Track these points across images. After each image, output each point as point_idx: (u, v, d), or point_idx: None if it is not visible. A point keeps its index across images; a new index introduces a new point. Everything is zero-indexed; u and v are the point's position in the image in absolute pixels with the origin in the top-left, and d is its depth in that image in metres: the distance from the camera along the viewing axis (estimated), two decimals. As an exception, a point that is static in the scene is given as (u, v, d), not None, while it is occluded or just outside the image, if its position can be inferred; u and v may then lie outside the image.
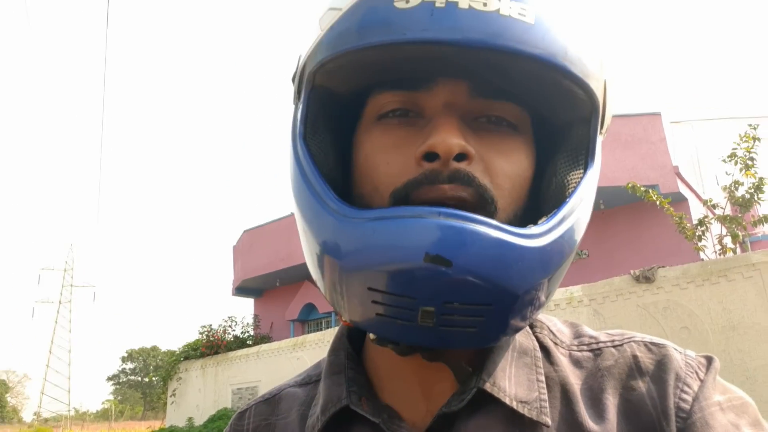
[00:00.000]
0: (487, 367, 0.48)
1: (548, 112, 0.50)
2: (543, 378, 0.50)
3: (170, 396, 12.68)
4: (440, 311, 0.41)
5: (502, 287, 0.41)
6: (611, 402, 0.48)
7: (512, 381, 0.48)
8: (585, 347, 0.53)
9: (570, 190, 0.47)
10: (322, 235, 0.45)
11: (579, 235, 0.47)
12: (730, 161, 6.17)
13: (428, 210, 0.41)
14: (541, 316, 0.57)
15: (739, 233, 5.99)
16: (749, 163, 6.06)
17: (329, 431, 0.51)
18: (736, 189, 6.20)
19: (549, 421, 0.46)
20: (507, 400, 0.47)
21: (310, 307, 14.17)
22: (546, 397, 0.48)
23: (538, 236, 0.43)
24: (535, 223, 0.44)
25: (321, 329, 13.30)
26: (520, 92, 0.47)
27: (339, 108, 0.52)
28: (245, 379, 11.11)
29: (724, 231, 6.06)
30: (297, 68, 0.53)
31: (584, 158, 0.49)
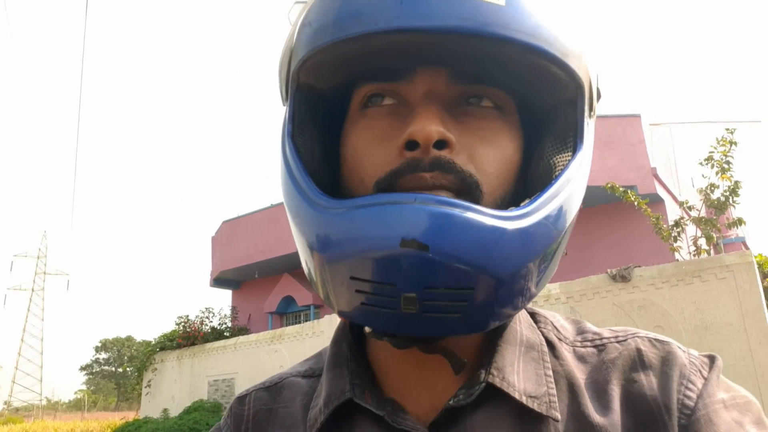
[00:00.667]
0: (496, 362, 0.48)
1: (532, 95, 0.49)
2: (551, 372, 0.50)
3: (145, 387, 12.56)
4: (422, 297, 0.41)
5: (481, 270, 0.41)
6: (616, 393, 0.48)
7: (521, 376, 0.48)
8: (588, 343, 0.53)
9: (557, 172, 0.47)
10: (306, 228, 0.46)
11: (568, 218, 0.46)
12: (706, 164, 6.27)
13: (404, 196, 0.41)
14: (544, 311, 0.57)
15: (714, 235, 6.11)
16: (725, 166, 6.17)
17: (332, 424, 0.51)
18: (712, 192, 6.31)
19: (558, 415, 0.46)
20: (516, 395, 0.47)
21: (288, 300, 14.11)
22: (555, 391, 0.48)
23: (519, 218, 0.42)
24: (518, 207, 0.44)
25: (299, 322, 13.26)
26: (500, 76, 0.47)
27: (326, 105, 0.52)
28: (222, 371, 11.04)
29: (699, 233, 6.17)
30: (281, 68, 0.53)
31: (572, 140, 0.48)
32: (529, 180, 0.49)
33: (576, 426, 0.46)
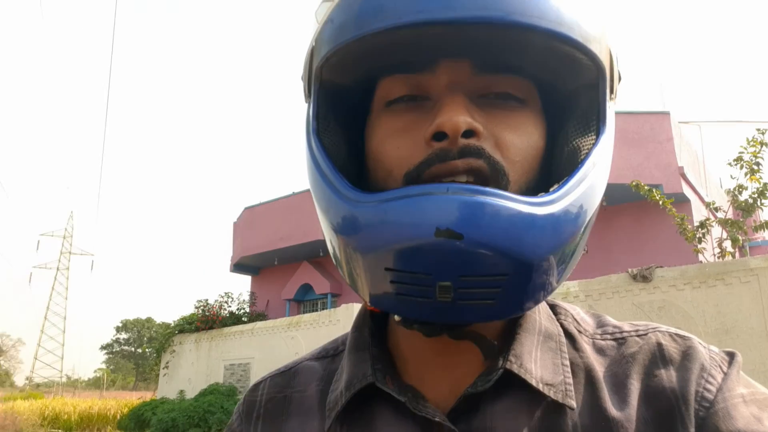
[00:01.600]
0: (514, 349, 0.48)
1: (554, 81, 0.49)
2: (568, 362, 0.50)
3: (163, 368, 12.77)
4: (457, 285, 0.42)
5: (515, 257, 0.41)
6: (635, 387, 0.48)
7: (538, 364, 0.48)
8: (609, 336, 0.53)
9: (582, 156, 0.47)
10: (338, 222, 0.46)
11: (594, 203, 0.47)
12: (735, 165, 6.14)
13: (437, 186, 0.42)
14: (565, 304, 0.57)
15: (740, 237, 5.99)
16: (755, 168, 6.03)
17: (352, 408, 0.51)
18: (740, 193, 6.18)
19: (574, 404, 0.47)
20: (533, 382, 0.47)
21: (306, 288, 14.21)
22: (571, 380, 0.48)
23: (549, 204, 0.43)
24: (548, 193, 0.44)
25: (316, 310, 13.34)
26: (523, 64, 0.47)
27: (349, 99, 0.52)
28: (238, 356, 11.18)
29: (725, 234, 6.05)
30: (304, 67, 0.53)
31: (596, 124, 0.48)
32: (553, 165, 0.50)
33: (592, 418, 0.46)
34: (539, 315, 0.53)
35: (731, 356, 0.50)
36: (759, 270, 5.03)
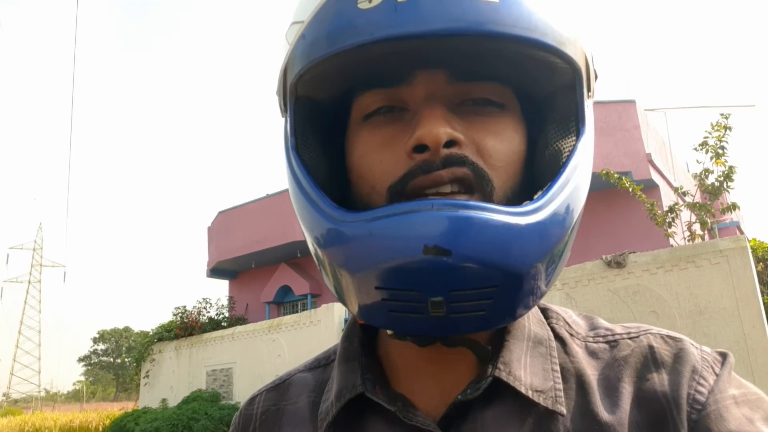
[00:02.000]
0: (503, 356, 0.49)
1: (531, 86, 0.50)
2: (558, 368, 0.50)
3: (143, 377, 12.59)
4: (448, 299, 0.42)
5: (504, 268, 0.42)
6: (627, 391, 0.48)
7: (527, 370, 0.49)
8: (601, 339, 0.53)
9: (564, 159, 0.47)
10: (324, 242, 0.46)
11: (579, 205, 0.47)
12: (701, 149, 6.28)
13: (421, 203, 0.42)
14: (557, 307, 0.58)
15: (708, 220, 6.13)
16: (720, 151, 6.18)
17: (343, 418, 0.51)
18: (707, 177, 6.33)
19: (564, 410, 0.47)
20: (522, 389, 0.47)
21: (285, 290, 14.13)
22: (561, 386, 0.48)
23: (534, 212, 0.43)
24: (531, 197, 0.44)
25: (297, 311, 13.29)
26: (499, 71, 0.47)
27: (326, 114, 0.52)
28: (220, 361, 11.07)
29: (694, 218, 6.19)
30: (279, 83, 0.53)
31: (575, 125, 0.49)
32: (536, 169, 0.50)
33: (584, 423, 0.47)
34: (528, 321, 0.53)
35: (723, 357, 0.50)
36: (728, 251, 5.16)
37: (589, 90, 0.49)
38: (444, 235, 0.40)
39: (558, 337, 0.54)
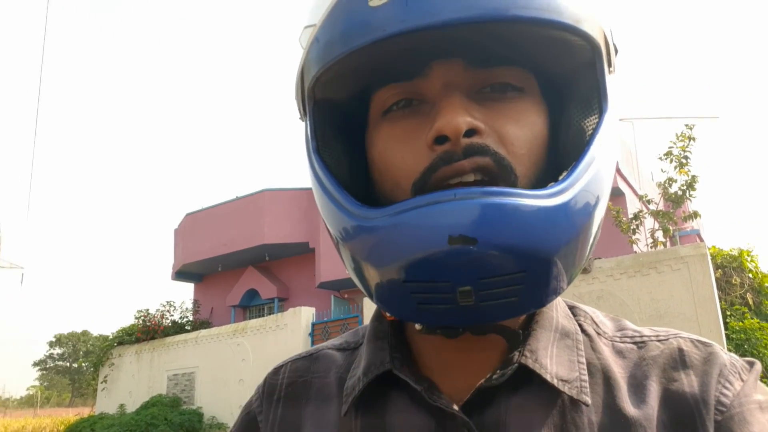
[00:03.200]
0: (530, 344, 0.48)
1: (550, 66, 0.49)
2: (584, 360, 0.50)
3: (101, 382, 12.28)
4: (477, 288, 0.42)
5: (531, 252, 0.41)
6: (654, 390, 0.48)
7: (554, 360, 0.48)
8: (628, 339, 0.53)
9: (588, 136, 0.47)
10: (350, 240, 0.46)
11: (606, 184, 0.46)
12: (666, 159, 6.46)
13: (444, 194, 0.41)
14: (585, 306, 0.57)
15: (670, 228, 6.30)
16: (683, 161, 6.37)
17: (369, 394, 0.51)
18: (670, 186, 6.51)
19: (589, 400, 0.46)
20: (548, 377, 0.47)
21: (252, 293, 13.98)
22: (587, 378, 0.48)
23: (558, 194, 0.42)
24: (557, 180, 0.44)
25: (263, 315, 13.13)
26: (516, 55, 0.47)
27: (346, 113, 0.52)
28: (182, 365, 10.87)
29: (657, 225, 6.35)
30: (296, 88, 0.53)
31: (597, 102, 0.48)
32: (560, 151, 0.49)
33: (610, 417, 0.46)
34: (556, 312, 0.53)
35: (751, 365, 0.50)
36: (688, 258, 5.30)
37: (609, 65, 0.48)
38: (468, 223, 0.40)
39: (585, 334, 0.53)
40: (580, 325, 0.54)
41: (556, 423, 0.46)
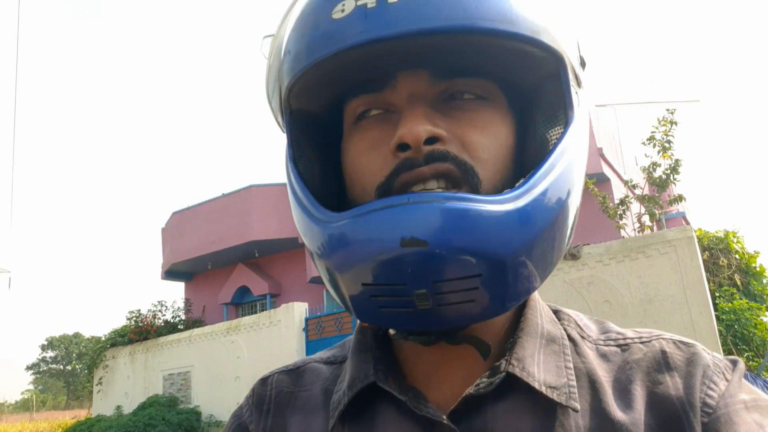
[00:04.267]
0: (516, 352, 0.49)
1: (515, 78, 0.50)
2: (571, 365, 0.50)
3: (96, 384, 12.23)
4: (433, 291, 0.42)
5: (483, 255, 0.41)
6: (639, 393, 0.48)
7: (541, 367, 0.49)
8: (612, 342, 0.53)
9: (550, 146, 0.47)
10: (315, 244, 0.47)
11: (567, 190, 0.47)
12: (649, 144, 6.51)
13: (398, 198, 0.43)
14: (568, 310, 0.58)
15: (656, 212, 6.36)
16: (666, 145, 6.42)
17: (355, 407, 0.52)
18: (654, 170, 6.56)
19: (578, 406, 0.47)
20: (536, 385, 0.47)
21: (243, 290, 13.94)
22: (575, 383, 0.48)
23: (513, 198, 0.43)
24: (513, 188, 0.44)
25: (255, 312, 13.12)
26: (478, 65, 0.48)
27: (323, 123, 0.54)
28: (177, 365, 10.85)
29: (643, 210, 6.41)
30: (267, 99, 0.55)
31: (563, 114, 0.49)
32: (525, 160, 0.50)
33: (597, 422, 0.47)
34: (541, 318, 0.53)
35: (734, 363, 0.50)
36: (675, 241, 5.36)
37: (576, 77, 0.49)
38: (419, 226, 0.41)
39: (569, 338, 0.54)
40: (564, 329, 0.54)
41: (544, 430, 0.46)
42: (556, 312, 0.57)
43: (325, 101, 0.52)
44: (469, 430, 0.47)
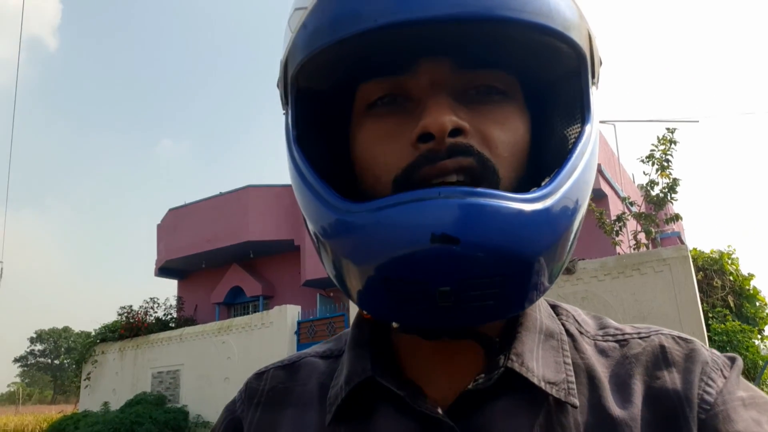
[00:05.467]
0: (516, 348, 0.48)
1: (536, 72, 0.49)
2: (570, 361, 0.50)
3: (84, 379, 12.15)
4: (457, 289, 0.41)
5: (513, 256, 0.41)
6: (638, 388, 0.48)
7: (540, 362, 0.48)
8: (610, 338, 0.53)
9: (570, 145, 0.47)
10: (330, 234, 0.45)
11: (585, 192, 0.47)
12: (647, 162, 6.54)
13: (428, 191, 0.41)
14: (566, 305, 0.57)
15: (652, 230, 6.38)
16: (665, 164, 6.45)
17: (352, 402, 0.50)
18: (652, 188, 6.59)
19: (577, 402, 0.46)
20: (535, 380, 0.46)
21: (237, 291, 13.91)
22: (573, 379, 0.48)
23: (541, 199, 0.42)
24: (538, 186, 0.44)
25: (248, 313, 13.09)
26: (504, 58, 0.47)
27: (329, 105, 0.51)
28: (167, 363, 10.79)
29: (639, 227, 6.43)
30: (279, 74, 0.52)
31: (580, 112, 0.48)
32: (541, 157, 0.49)
33: (595, 417, 0.46)
34: (540, 313, 0.53)
35: (732, 360, 0.50)
36: (670, 260, 5.38)
37: (594, 76, 0.49)
38: (452, 223, 0.39)
39: (568, 333, 0.53)
40: (563, 325, 0.54)
41: (543, 425, 0.46)
42: (554, 307, 0.57)
43: (336, 82, 0.49)
44: (468, 426, 0.46)
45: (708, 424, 0.45)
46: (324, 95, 0.51)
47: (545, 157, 0.49)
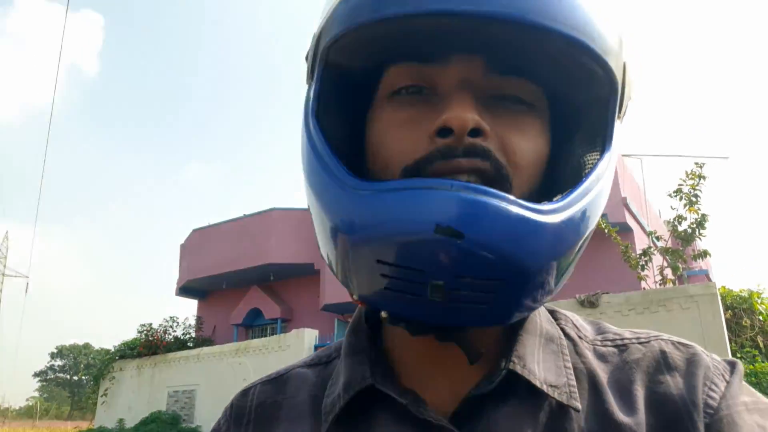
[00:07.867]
0: (517, 350, 0.48)
1: (565, 90, 0.48)
2: (570, 365, 0.49)
3: (101, 396, 12.20)
4: (451, 285, 0.40)
5: (514, 262, 0.40)
6: (640, 394, 0.47)
7: (541, 365, 0.48)
8: (609, 343, 0.52)
9: (587, 170, 0.46)
10: (332, 208, 0.45)
11: (594, 217, 0.46)
12: (675, 196, 6.44)
13: (439, 182, 0.40)
14: (564, 311, 0.57)
15: (679, 266, 6.25)
16: (693, 199, 6.35)
17: (350, 411, 0.49)
18: (680, 223, 6.47)
19: (579, 405, 0.46)
20: (538, 383, 0.46)
21: (255, 312, 13.93)
22: (575, 382, 0.48)
23: (553, 212, 0.42)
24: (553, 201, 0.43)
25: (266, 335, 13.06)
26: (537, 68, 0.46)
27: (352, 85, 0.51)
28: (183, 382, 10.79)
29: (665, 263, 6.30)
30: (310, 47, 0.52)
31: (601, 142, 0.47)
32: (555, 174, 0.49)
33: (598, 422, 0.46)
34: (539, 317, 0.53)
35: (733, 365, 0.50)
36: (698, 297, 5.25)
37: (620, 110, 0.48)
38: (459, 217, 0.39)
39: (568, 338, 0.53)
40: (562, 329, 0.54)
41: (547, 430, 0.45)
42: (552, 312, 0.56)
43: (365, 61, 0.49)
44: None
45: (712, 429, 0.44)
46: (349, 74, 0.50)
47: (558, 178, 0.48)
